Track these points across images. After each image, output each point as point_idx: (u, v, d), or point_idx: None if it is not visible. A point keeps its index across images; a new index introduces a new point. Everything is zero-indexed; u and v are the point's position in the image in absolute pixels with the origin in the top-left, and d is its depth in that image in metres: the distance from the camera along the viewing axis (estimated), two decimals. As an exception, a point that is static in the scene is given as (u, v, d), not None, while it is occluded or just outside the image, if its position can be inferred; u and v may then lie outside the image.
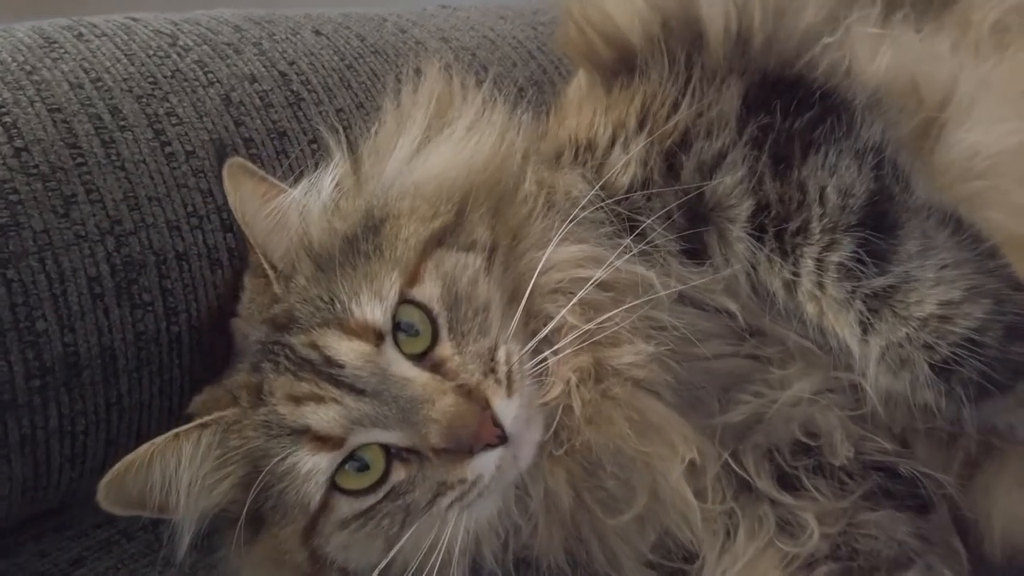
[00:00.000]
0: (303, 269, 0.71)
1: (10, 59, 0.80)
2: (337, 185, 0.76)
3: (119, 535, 0.78)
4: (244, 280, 0.78)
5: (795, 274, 0.71)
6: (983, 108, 0.79)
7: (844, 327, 0.69)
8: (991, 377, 0.65)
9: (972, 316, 0.66)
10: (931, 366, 0.66)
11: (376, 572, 0.68)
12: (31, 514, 0.78)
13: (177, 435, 0.69)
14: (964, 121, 0.79)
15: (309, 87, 0.94)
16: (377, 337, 0.68)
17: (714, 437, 0.72)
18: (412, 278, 0.69)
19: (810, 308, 0.71)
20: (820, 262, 0.70)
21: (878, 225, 0.70)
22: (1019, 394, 0.66)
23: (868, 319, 0.68)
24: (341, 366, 0.67)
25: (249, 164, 0.76)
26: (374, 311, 0.68)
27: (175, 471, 0.69)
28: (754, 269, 0.73)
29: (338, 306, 0.68)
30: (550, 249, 0.71)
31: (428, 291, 0.69)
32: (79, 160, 0.77)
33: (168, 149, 0.82)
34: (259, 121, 0.89)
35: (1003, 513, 0.73)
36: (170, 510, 0.70)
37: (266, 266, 0.73)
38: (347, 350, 0.67)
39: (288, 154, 0.89)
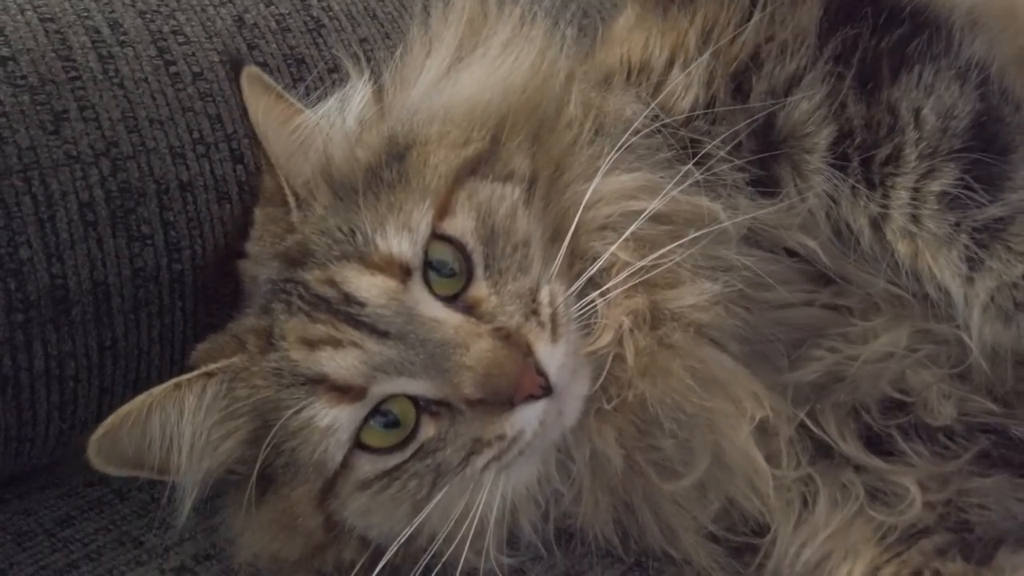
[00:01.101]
0: (321, 198, 0.63)
1: (1, -35, 0.72)
2: (362, 107, 0.67)
3: (112, 494, 0.70)
4: (254, 214, 0.70)
5: (884, 207, 0.62)
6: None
7: (944, 268, 0.61)
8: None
9: None
10: None
11: (399, 542, 0.59)
12: (16, 471, 0.70)
13: (179, 385, 0.60)
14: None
15: (331, 14, 0.86)
16: (404, 273, 0.59)
17: (786, 396, 0.63)
18: (443, 210, 0.61)
19: (902, 247, 0.62)
20: (916, 192, 0.61)
21: (987, 148, 0.61)
22: None
23: (976, 255, 0.59)
24: (362, 304, 0.58)
25: (267, 78, 0.68)
26: (401, 244, 0.59)
27: (176, 425, 0.60)
28: (834, 204, 0.64)
29: (359, 238, 0.60)
30: (598, 178, 0.62)
31: (461, 224, 0.60)
32: (72, 74, 0.69)
33: (173, 69, 0.74)
34: (274, 45, 0.81)
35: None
36: (171, 470, 0.61)
37: (286, 190, 0.64)
38: (369, 286, 0.58)
39: (306, 81, 0.81)
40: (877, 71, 0.65)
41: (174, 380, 0.61)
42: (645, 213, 0.61)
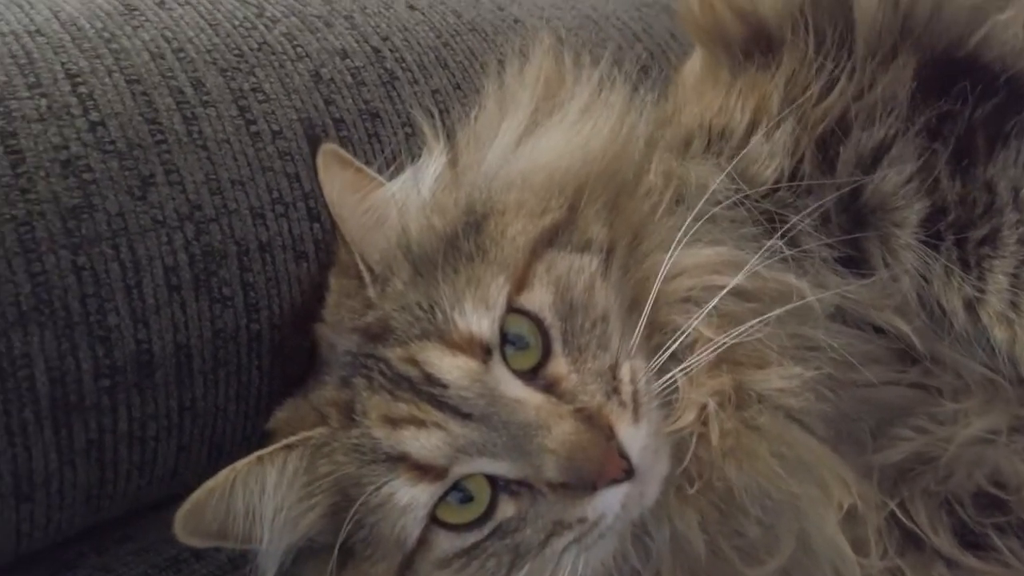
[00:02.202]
0: (400, 272, 0.63)
1: (88, 26, 0.73)
2: (438, 178, 0.67)
3: (187, 553, 0.71)
4: (329, 280, 0.70)
5: (980, 291, 0.61)
6: None
7: None
8: None
9: None
10: None
11: None
12: (94, 523, 0.71)
13: (261, 458, 0.61)
14: None
15: (404, 65, 0.86)
16: (484, 352, 0.59)
17: (872, 479, 0.61)
18: (520, 283, 0.60)
19: (999, 332, 0.61)
20: (1016, 278, 0.60)
21: None
22: None
23: None
24: (445, 386, 0.58)
25: (344, 152, 0.68)
26: (480, 321, 0.59)
27: (259, 499, 0.61)
28: (926, 283, 0.62)
29: (439, 315, 0.60)
30: (678, 249, 0.61)
31: (539, 298, 0.60)
32: (159, 137, 0.70)
33: (253, 128, 0.75)
34: (350, 100, 0.81)
35: None
36: (254, 541, 0.62)
37: (362, 267, 0.64)
38: (451, 367, 0.58)
39: (380, 137, 0.81)
40: (972, 145, 0.64)
41: (257, 454, 0.61)
42: (727, 288, 0.60)
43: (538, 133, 0.69)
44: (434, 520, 0.60)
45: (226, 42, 0.78)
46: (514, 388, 0.58)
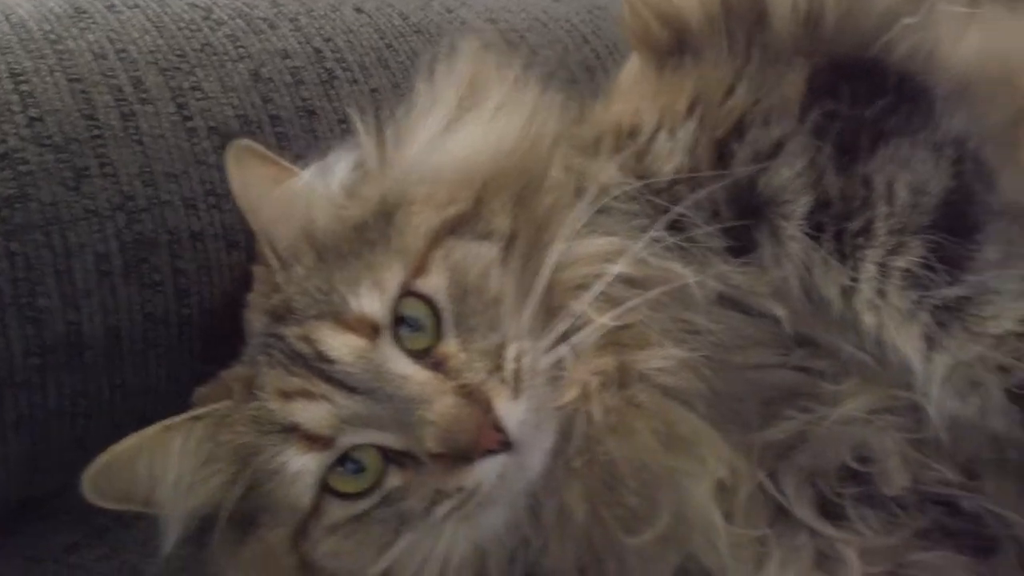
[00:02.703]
0: (304, 259, 0.67)
1: (36, 28, 0.78)
2: (354, 169, 0.71)
3: (116, 523, 0.75)
4: (253, 270, 0.74)
5: (854, 280, 0.63)
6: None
7: (906, 342, 0.61)
8: (1077, 406, 0.56)
9: None
10: (1007, 391, 0.58)
11: None
12: (31, 494, 0.76)
13: (168, 427, 0.65)
14: (1066, 108, 0.69)
15: (344, 65, 0.91)
16: (373, 331, 0.63)
17: (751, 455, 0.64)
18: (418, 269, 0.64)
19: (868, 318, 0.63)
20: (883, 267, 0.62)
21: (954, 227, 0.61)
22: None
23: (934, 334, 0.60)
24: (331, 361, 0.62)
25: (256, 145, 0.71)
26: (372, 303, 0.63)
27: (162, 465, 0.65)
28: (808, 272, 0.65)
29: (335, 297, 0.63)
30: (566, 240, 0.65)
31: (434, 282, 0.63)
32: (95, 132, 0.75)
33: (190, 124, 0.79)
34: (288, 98, 0.85)
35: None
36: (155, 505, 0.66)
37: (270, 254, 0.68)
38: (339, 344, 0.62)
39: (317, 133, 0.85)
40: (858, 143, 0.66)
41: (164, 423, 0.65)
42: (611, 274, 0.63)
43: (455, 130, 0.73)
44: (327, 489, 0.63)
45: (170, 43, 0.83)
46: (401, 365, 0.62)
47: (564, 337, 0.63)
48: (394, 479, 0.63)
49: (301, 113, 0.86)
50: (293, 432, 0.63)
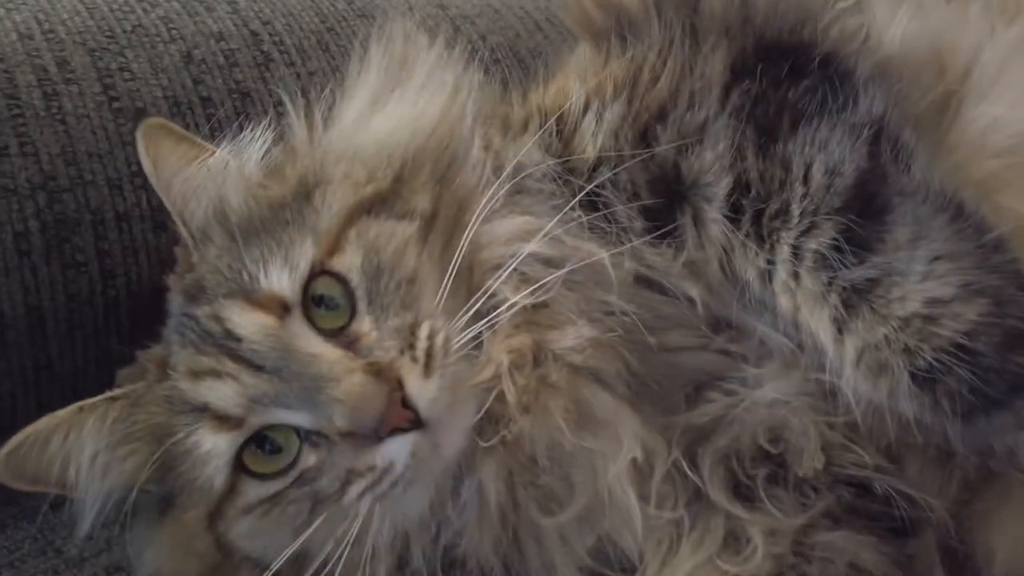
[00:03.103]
0: (216, 238, 0.67)
1: (-39, 8, 0.78)
2: (273, 148, 0.70)
3: (47, 505, 0.74)
4: (175, 251, 0.74)
5: (770, 262, 0.63)
6: (1011, 79, 0.69)
7: (819, 324, 0.61)
8: (983, 391, 0.56)
9: (964, 318, 0.57)
10: (912, 375, 0.58)
11: (279, 562, 0.63)
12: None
13: (81, 408, 0.65)
14: (987, 94, 0.69)
15: (281, 48, 0.90)
16: (283, 309, 0.62)
17: (672, 437, 0.64)
18: (332, 248, 0.64)
19: (784, 301, 0.63)
20: (797, 249, 0.62)
21: (865, 209, 0.61)
22: (1019, 413, 0.57)
23: (843, 316, 0.60)
24: (239, 340, 0.62)
25: (170, 124, 0.70)
26: (281, 281, 0.63)
27: (76, 445, 0.65)
28: (728, 255, 0.65)
29: (245, 276, 0.63)
30: (492, 220, 0.64)
31: (347, 261, 0.63)
32: (16, 111, 0.74)
33: (116, 104, 0.79)
34: (220, 80, 0.85)
35: (1008, 545, 0.63)
36: (69, 487, 0.66)
37: (184, 234, 0.68)
38: (247, 323, 0.62)
39: (250, 116, 0.84)
40: (777, 125, 0.65)
41: (78, 404, 0.65)
42: (523, 253, 0.63)
43: (378, 110, 0.72)
44: (243, 469, 0.63)
45: (99, 24, 0.82)
46: (311, 343, 0.62)
47: (479, 316, 0.63)
48: (308, 459, 0.62)
49: (234, 95, 0.85)
50: (204, 412, 0.62)
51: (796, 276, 0.62)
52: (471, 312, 0.63)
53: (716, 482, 0.63)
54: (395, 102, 0.72)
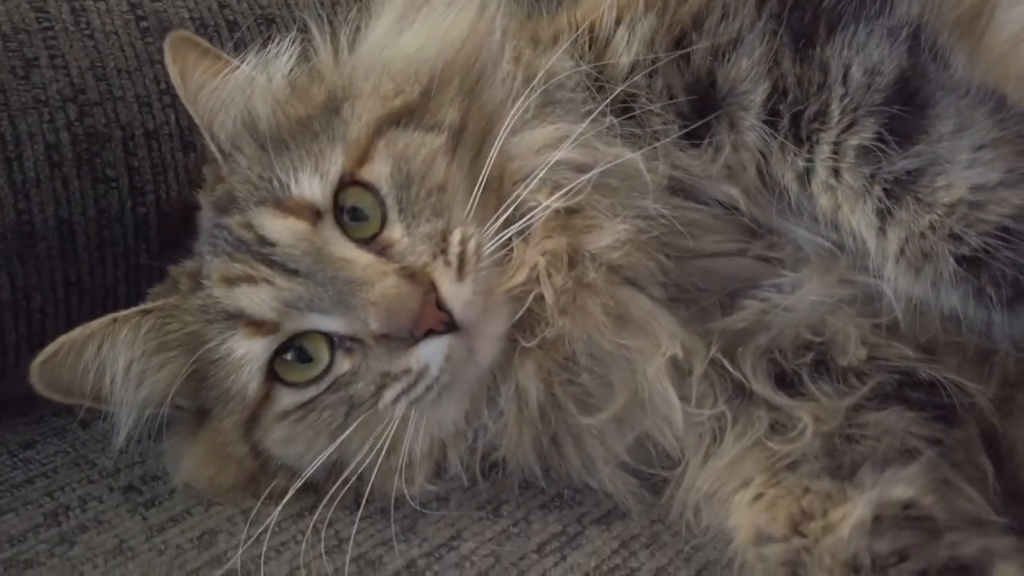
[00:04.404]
0: (245, 149, 0.66)
1: (-14, -78, 0.77)
2: (299, 63, 0.70)
3: (76, 423, 0.75)
4: (203, 170, 0.74)
5: (809, 162, 0.63)
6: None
7: (860, 219, 0.61)
8: (1028, 276, 0.56)
9: (1009, 202, 0.57)
10: (957, 260, 0.58)
11: (315, 465, 0.63)
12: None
13: (115, 319, 0.65)
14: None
15: (306, -27, 0.89)
16: (315, 215, 0.62)
17: (710, 339, 0.64)
18: (362, 158, 0.64)
19: (824, 200, 0.63)
20: (837, 146, 0.62)
21: (907, 104, 0.61)
22: (1064, 299, 0.57)
23: (887, 207, 0.60)
24: (273, 244, 0.62)
25: (195, 37, 0.70)
26: (312, 187, 0.63)
27: (109, 355, 0.64)
28: (766, 160, 0.65)
29: (276, 184, 0.63)
30: (513, 128, 0.64)
31: (377, 170, 0.63)
32: (44, 24, 0.74)
33: (144, 24, 0.78)
34: (246, 4, 0.84)
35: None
36: (104, 399, 0.65)
37: (212, 147, 0.68)
38: (279, 228, 0.62)
39: (273, 40, 0.84)
40: (814, 30, 0.65)
41: (112, 315, 0.65)
42: (553, 159, 0.63)
43: (405, 27, 0.72)
44: (277, 378, 0.63)
45: (126, -57, 0.81)
46: (343, 248, 0.62)
47: (510, 222, 0.63)
48: (342, 365, 0.62)
49: (259, 20, 0.84)
50: (238, 319, 0.62)
51: (836, 173, 0.62)
52: (501, 219, 0.63)
53: (760, 376, 0.63)
54: (423, 19, 0.72)
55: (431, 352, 0.60)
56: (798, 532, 0.58)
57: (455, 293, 0.60)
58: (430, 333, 0.59)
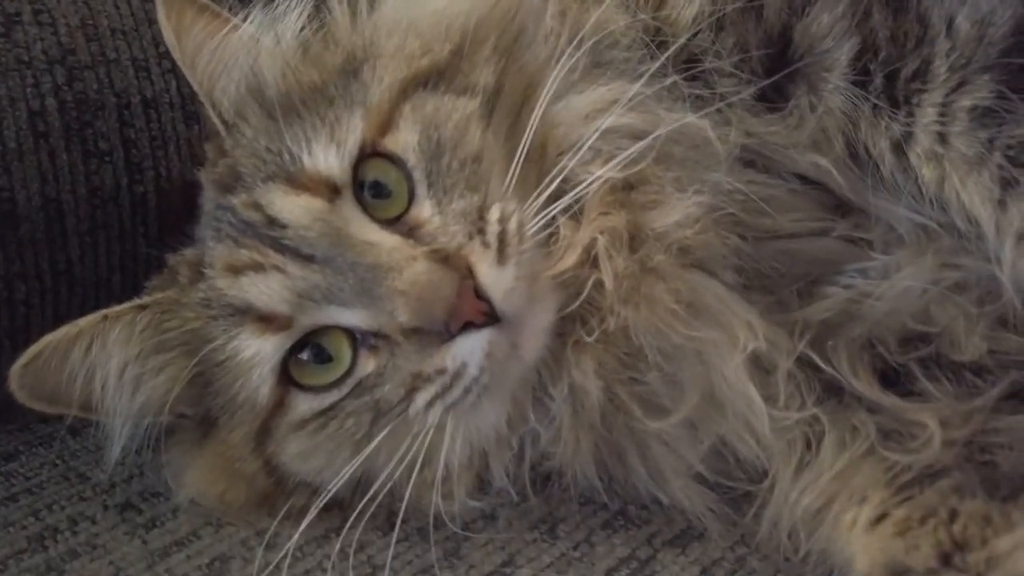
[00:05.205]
0: (251, 117, 0.58)
1: None
2: (309, 23, 0.62)
3: (64, 431, 0.66)
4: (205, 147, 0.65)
5: (909, 127, 0.55)
6: None
7: (974, 192, 0.54)
8: None
9: None
10: None
11: (339, 481, 0.55)
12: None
13: (106, 316, 0.57)
14: None
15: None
16: (331, 191, 0.54)
17: (792, 332, 0.56)
18: (384, 125, 0.55)
19: (928, 171, 0.55)
20: (945, 108, 0.54)
21: None
22: None
23: (1011, 176, 0.52)
24: (284, 226, 0.53)
25: None
26: (328, 159, 0.54)
27: (100, 357, 0.56)
28: (853, 126, 0.57)
29: (286, 156, 0.55)
30: (557, 92, 0.56)
31: (403, 139, 0.55)
32: (28, -24, 0.65)
33: (139, -22, 0.70)
34: (253, -41, 0.75)
35: None
36: (94, 407, 0.57)
37: (212, 115, 0.59)
38: (291, 206, 0.53)
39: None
40: None
41: (103, 311, 0.57)
42: (604, 125, 0.54)
43: None
44: (291, 382, 0.55)
45: None
46: (365, 230, 0.53)
47: (555, 198, 0.55)
48: (367, 365, 0.54)
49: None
50: (246, 314, 0.54)
51: (943, 139, 0.55)
52: (546, 194, 0.55)
53: (861, 374, 0.55)
54: None
55: (469, 348, 0.52)
56: (951, 565, 0.50)
57: (496, 279, 0.52)
58: (468, 326, 0.51)
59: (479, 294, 0.51)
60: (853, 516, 0.53)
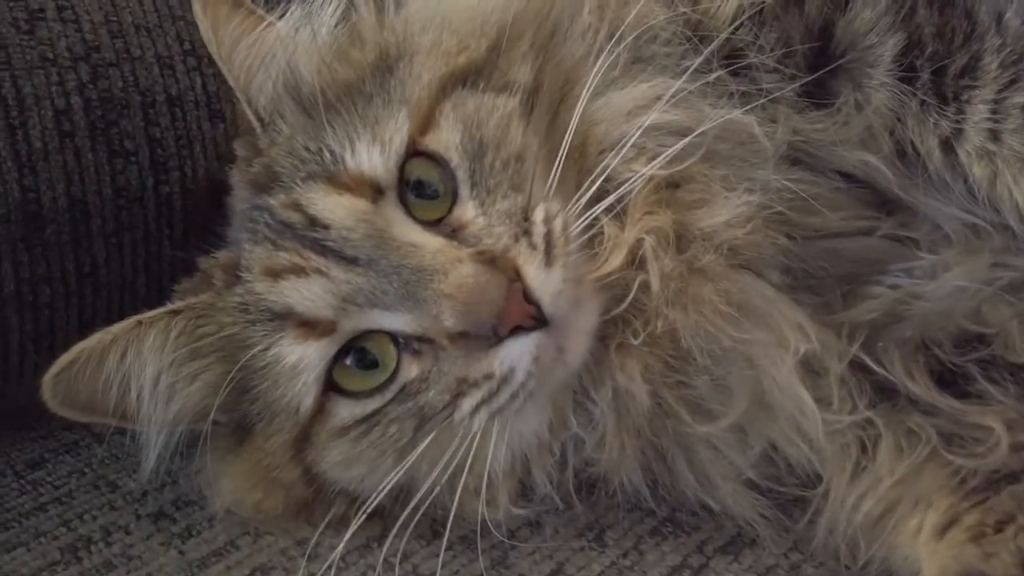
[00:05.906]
0: (288, 115, 0.57)
1: None
2: (344, 19, 0.60)
3: (90, 437, 0.66)
4: (235, 145, 0.64)
5: (958, 125, 0.54)
6: None
7: None
8: None
9: None
10: None
11: (383, 489, 0.53)
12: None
13: (140, 322, 0.55)
14: None
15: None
16: (375, 192, 0.53)
17: (840, 333, 0.55)
18: (425, 124, 0.54)
19: (979, 169, 0.54)
20: (997, 104, 0.53)
21: None
22: None
23: None
24: (327, 227, 0.52)
25: None
26: (372, 159, 0.53)
27: (135, 365, 0.55)
28: (899, 123, 0.56)
29: (327, 155, 0.53)
30: (597, 90, 0.55)
31: (445, 138, 0.53)
32: (51, -28, 0.63)
33: (163, -26, 0.68)
34: (279, -46, 0.74)
35: None
36: (130, 416, 0.56)
37: (249, 113, 0.58)
38: (334, 207, 0.52)
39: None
40: None
41: (136, 317, 0.55)
42: (646, 123, 0.53)
43: None
44: (332, 387, 0.54)
45: None
46: (409, 231, 0.52)
47: (598, 198, 0.53)
48: (410, 371, 0.53)
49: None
50: (286, 318, 0.53)
51: (996, 137, 0.54)
52: (589, 194, 0.53)
53: (917, 376, 0.54)
54: None
55: (518, 353, 0.50)
56: None
57: (544, 282, 0.50)
58: (516, 330, 0.50)
59: (528, 297, 0.50)
60: (918, 522, 0.52)
